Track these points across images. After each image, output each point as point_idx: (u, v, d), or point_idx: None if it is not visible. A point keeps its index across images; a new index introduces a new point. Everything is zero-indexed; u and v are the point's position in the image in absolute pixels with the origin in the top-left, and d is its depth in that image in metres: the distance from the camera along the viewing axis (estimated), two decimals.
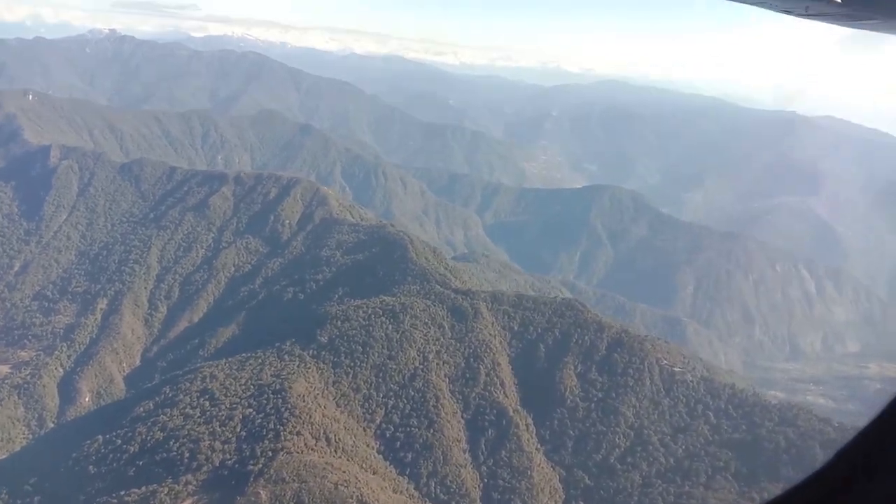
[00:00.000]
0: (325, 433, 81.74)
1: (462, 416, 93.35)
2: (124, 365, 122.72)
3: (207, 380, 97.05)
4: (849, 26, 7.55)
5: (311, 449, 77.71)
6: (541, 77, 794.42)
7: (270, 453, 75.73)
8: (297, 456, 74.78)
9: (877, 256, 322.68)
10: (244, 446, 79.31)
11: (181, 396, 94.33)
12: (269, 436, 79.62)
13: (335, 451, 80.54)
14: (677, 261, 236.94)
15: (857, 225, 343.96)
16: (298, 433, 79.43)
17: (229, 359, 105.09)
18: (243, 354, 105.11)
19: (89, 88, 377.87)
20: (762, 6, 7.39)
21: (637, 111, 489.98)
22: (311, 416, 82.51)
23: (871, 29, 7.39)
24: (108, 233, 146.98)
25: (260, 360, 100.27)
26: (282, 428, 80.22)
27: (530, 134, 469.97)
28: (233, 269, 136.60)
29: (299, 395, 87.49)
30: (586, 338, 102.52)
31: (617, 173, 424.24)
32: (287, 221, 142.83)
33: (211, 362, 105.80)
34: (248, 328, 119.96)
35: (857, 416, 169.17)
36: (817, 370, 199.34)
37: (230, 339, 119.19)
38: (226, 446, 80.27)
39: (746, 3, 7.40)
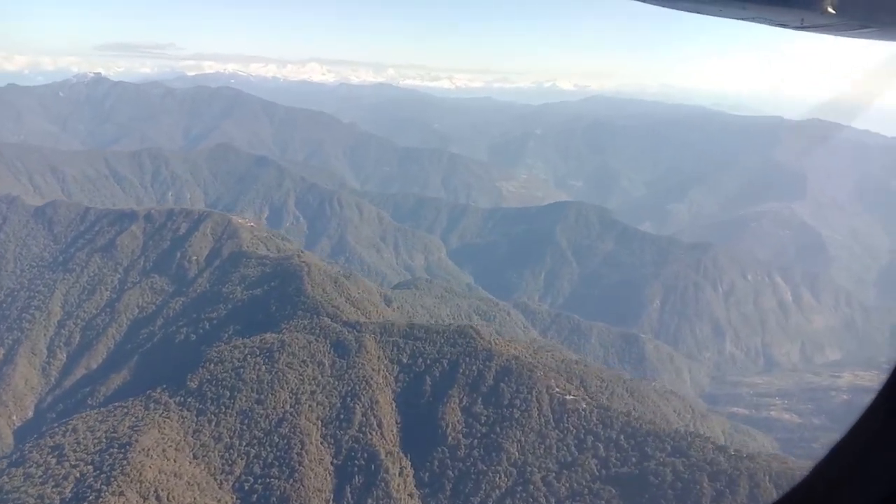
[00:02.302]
0: (156, 491, 74.59)
1: (332, 463, 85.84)
2: (14, 418, 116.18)
3: (68, 433, 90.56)
4: (844, 36, 7.41)
5: None
6: (535, 97, 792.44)
7: None
8: None
9: (865, 259, 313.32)
10: None
11: (33, 453, 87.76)
12: (91, 497, 72.66)
13: None
14: (644, 275, 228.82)
15: (844, 228, 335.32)
16: (122, 493, 72.38)
17: (102, 409, 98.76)
18: (115, 404, 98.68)
19: (62, 133, 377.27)
20: (758, 21, 7.28)
21: (623, 125, 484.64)
22: (141, 474, 75.38)
23: (867, 38, 7.31)
24: (16, 279, 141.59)
25: (125, 410, 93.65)
26: (105, 488, 73.25)
27: (515, 153, 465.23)
28: (136, 310, 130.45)
29: (143, 449, 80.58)
30: (474, 367, 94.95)
31: (601, 188, 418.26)
32: (194, 258, 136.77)
33: (83, 413, 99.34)
34: (137, 373, 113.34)
35: (822, 430, 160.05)
36: (787, 383, 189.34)
37: (120, 386, 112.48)
38: None
39: (742, 19, 7.24)
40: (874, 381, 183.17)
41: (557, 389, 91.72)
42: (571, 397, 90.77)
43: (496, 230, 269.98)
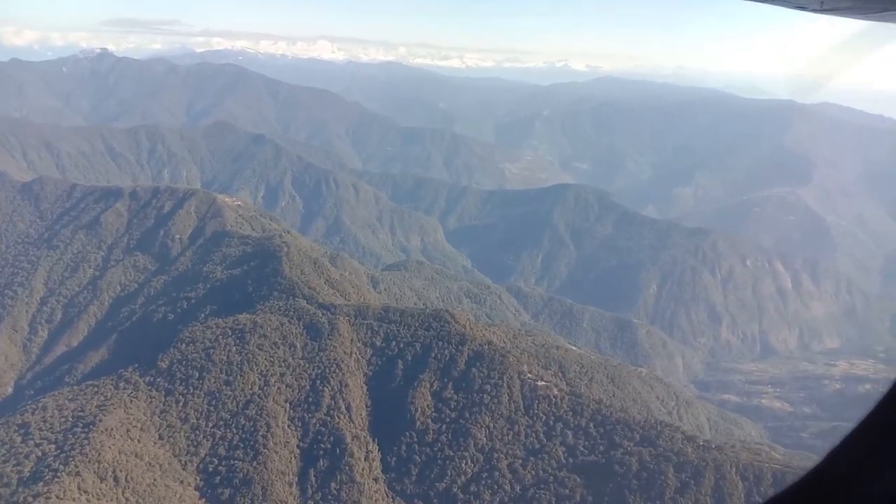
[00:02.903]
0: (114, 472, 74.13)
1: (298, 446, 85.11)
2: None
3: (37, 412, 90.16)
4: (864, 19, 7.38)
5: (84, 492, 70.18)
6: (547, 77, 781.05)
7: (31, 499, 68.32)
8: (56, 501, 67.24)
9: (870, 246, 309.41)
10: (19, 490, 72.02)
11: (0, 431, 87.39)
12: (47, 477, 72.26)
13: (123, 492, 72.92)
14: (641, 259, 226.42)
15: (850, 214, 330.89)
16: (78, 473, 71.94)
17: (74, 387, 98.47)
18: (88, 382, 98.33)
19: (64, 108, 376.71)
20: (777, 4, 7.32)
21: (631, 106, 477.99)
22: (100, 454, 74.88)
23: (888, 21, 7.23)
24: (1, 255, 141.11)
25: (96, 389, 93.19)
26: (63, 468, 72.80)
27: (521, 134, 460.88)
28: (119, 288, 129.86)
29: (106, 429, 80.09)
30: (446, 352, 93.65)
31: (607, 171, 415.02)
32: (178, 236, 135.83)
33: (56, 391, 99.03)
34: (115, 352, 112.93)
35: (812, 419, 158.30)
36: (781, 370, 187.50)
37: (98, 365, 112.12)
38: (2, 490, 73.03)
39: (761, 1, 7.22)
40: (868, 370, 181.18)
41: (529, 375, 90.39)
42: (543, 383, 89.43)
43: (495, 212, 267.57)
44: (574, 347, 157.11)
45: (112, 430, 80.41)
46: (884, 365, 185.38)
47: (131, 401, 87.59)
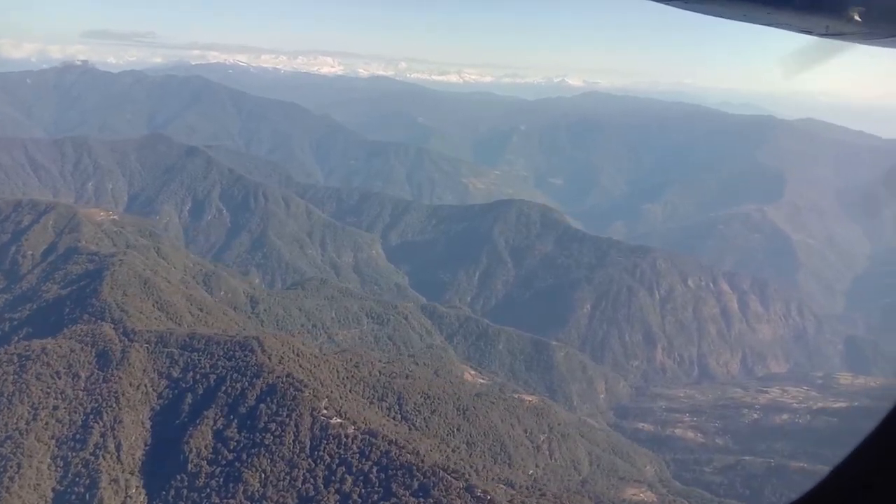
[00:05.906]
0: None
1: (54, 489, 76.66)
2: None
3: None
4: (869, 44, 7.37)
5: None
6: (542, 92, 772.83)
7: None
8: None
9: (839, 267, 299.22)
10: None
11: None
12: None
13: None
14: (577, 278, 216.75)
15: (821, 234, 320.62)
16: None
17: None
18: None
19: (26, 120, 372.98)
20: (782, 27, 7.22)
21: (611, 122, 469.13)
22: None
23: (892, 46, 7.28)
24: None
25: None
26: None
27: (498, 149, 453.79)
28: None
29: None
30: (238, 385, 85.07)
31: (582, 186, 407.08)
32: (30, 252, 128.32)
33: None
34: None
35: (721, 452, 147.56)
36: (707, 397, 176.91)
37: None
38: None
39: (767, 24, 7.25)
40: (798, 397, 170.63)
41: (325, 412, 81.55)
42: (337, 421, 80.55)
43: (439, 228, 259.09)
44: (470, 373, 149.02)
45: None
46: (817, 392, 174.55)
47: None
